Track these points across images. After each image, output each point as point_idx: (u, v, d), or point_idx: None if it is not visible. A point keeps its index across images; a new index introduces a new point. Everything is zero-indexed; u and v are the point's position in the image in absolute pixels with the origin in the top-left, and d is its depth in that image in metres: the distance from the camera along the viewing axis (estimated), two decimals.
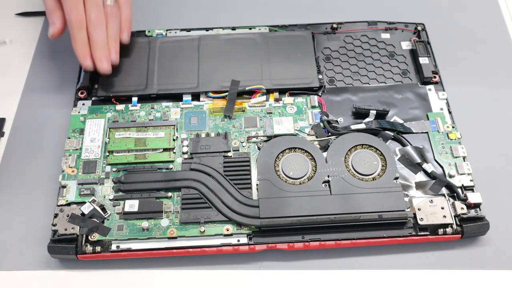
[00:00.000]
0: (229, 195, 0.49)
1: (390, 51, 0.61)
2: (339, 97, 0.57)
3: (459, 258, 0.49)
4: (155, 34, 0.61)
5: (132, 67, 0.58)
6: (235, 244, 0.48)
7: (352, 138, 0.53)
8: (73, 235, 0.47)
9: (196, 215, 0.49)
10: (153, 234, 0.48)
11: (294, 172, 0.51)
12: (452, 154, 0.53)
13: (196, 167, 0.51)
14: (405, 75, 0.59)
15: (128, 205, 0.49)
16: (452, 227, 0.48)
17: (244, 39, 0.60)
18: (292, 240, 0.48)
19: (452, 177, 0.51)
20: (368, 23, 0.63)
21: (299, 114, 0.56)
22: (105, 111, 0.56)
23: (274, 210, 0.48)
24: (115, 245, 0.48)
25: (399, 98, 0.57)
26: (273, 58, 0.59)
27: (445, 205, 0.49)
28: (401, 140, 0.54)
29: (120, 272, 0.48)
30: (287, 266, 0.48)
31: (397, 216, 0.48)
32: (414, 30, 0.62)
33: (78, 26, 0.53)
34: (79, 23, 0.52)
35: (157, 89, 0.57)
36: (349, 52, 0.61)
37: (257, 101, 0.56)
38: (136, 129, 0.54)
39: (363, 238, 0.48)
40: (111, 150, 0.53)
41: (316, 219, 0.48)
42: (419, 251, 0.49)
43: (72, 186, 0.51)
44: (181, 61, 0.59)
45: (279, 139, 0.53)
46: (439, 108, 0.56)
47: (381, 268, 0.48)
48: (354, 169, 0.51)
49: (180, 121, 0.55)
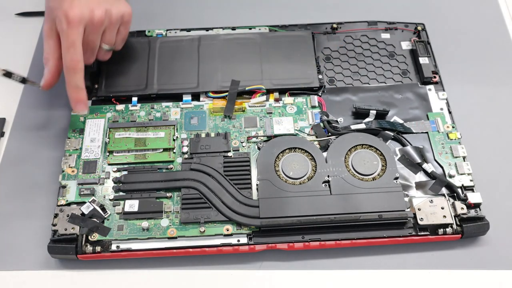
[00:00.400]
0: (229, 195, 0.49)
1: (390, 51, 0.61)
2: (339, 97, 0.57)
3: (459, 258, 0.49)
4: (155, 34, 0.61)
5: (132, 67, 0.58)
6: (235, 244, 0.48)
7: (352, 138, 0.53)
8: (73, 235, 0.47)
9: (196, 215, 0.49)
10: (153, 234, 0.48)
11: (294, 172, 0.51)
12: (452, 154, 0.53)
13: (196, 167, 0.51)
14: (405, 75, 0.59)
15: (128, 205, 0.49)
16: (452, 227, 0.48)
17: (244, 39, 0.60)
18: (292, 240, 0.48)
19: (452, 177, 0.51)
20: (368, 23, 0.63)
21: (299, 114, 0.56)
22: (105, 111, 0.56)
23: (274, 210, 0.48)
24: (115, 245, 0.48)
25: (399, 98, 0.57)
26: (273, 58, 0.59)
27: (445, 205, 0.49)
28: (401, 140, 0.54)
29: (120, 272, 0.48)
30: (287, 266, 0.48)
31: (397, 216, 0.48)
32: (414, 30, 0.62)
33: (72, 72, 0.51)
34: (73, 69, 0.50)
35: (157, 89, 0.57)
36: (349, 52, 0.61)
37: (257, 101, 0.56)
38: (136, 129, 0.54)
39: (363, 238, 0.48)
40: (111, 150, 0.53)
41: (316, 219, 0.48)
42: (419, 251, 0.49)
43: (72, 186, 0.51)
44: (181, 61, 0.59)
45: (279, 139, 0.53)
46: (439, 108, 0.56)
47: (381, 268, 0.48)
48: (354, 169, 0.51)
49: (180, 121, 0.55)
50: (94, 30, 0.51)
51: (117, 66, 0.58)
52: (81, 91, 0.52)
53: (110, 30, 0.53)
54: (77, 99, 0.52)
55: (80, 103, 0.52)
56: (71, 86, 0.51)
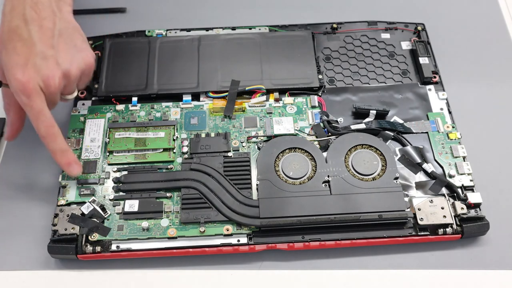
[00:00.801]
0: (229, 195, 0.49)
1: (390, 51, 0.61)
2: (339, 97, 0.57)
3: (459, 258, 0.49)
4: (155, 34, 0.61)
5: (132, 67, 0.58)
6: (235, 244, 0.48)
7: (352, 138, 0.53)
8: (73, 235, 0.47)
9: (196, 215, 0.49)
10: (153, 234, 0.48)
11: (294, 172, 0.51)
12: (452, 154, 0.53)
13: (196, 167, 0.51)
14: (405, 75, 0.59)
15: (128, 205, 0.49)
16: (452, 227, 0.48)
17: (244, 39, 0.60)
18: (292, 240, 0.48)
19: (452, 177, 0.51)
20: (368, 23, 0.63)
21: (299, 114, 0.56)
22: (105, 111, 0.56)
23: (274, 210, 0.48)
24: (115, 245, 0.48)
25: (399, 98, 0.57)
26: (273, 58, 0.59)
27: (445, 205, 0.49)
28: (401, 140, 0.54)
29: (120, 272, 0.48)
30: (287, 266, 0.48)
31: (397, 216, 0.48)
32: (414, 30, 0.62)
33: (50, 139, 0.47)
34: (51, 135, 0.47)
35: (157, 89, 0.57)
36: (349, 52, 0.61)
37: (257, 101, 0.56)
38: (136, 129, 0.54)
39: (363, 238, 0.48)
40: (111, 150, 0.53)
41: (316, 219, 0.48)
42: (419, 251, 0.49)
43: (72, 186, 0.51)
44: (181, 61, 0.59)
45: (279, 139, 0.53)
46: (439, 108, 0.56)
47: (381, 268, 0.48)
48: (354, 169, 0.51)
49: (180, 121, 0.55)
50: (53, 94, 0.47)
51: (117, 66, 0.58)
52: (68, 153, 0.48)
53: (70, 86, 0.49)
54: (67, 162, 0.48)
55: (71, 164, 0.48)
56: (56, 153, 0.48)
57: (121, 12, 0.67)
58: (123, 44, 0.60)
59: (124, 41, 0.60)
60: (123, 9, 0.67)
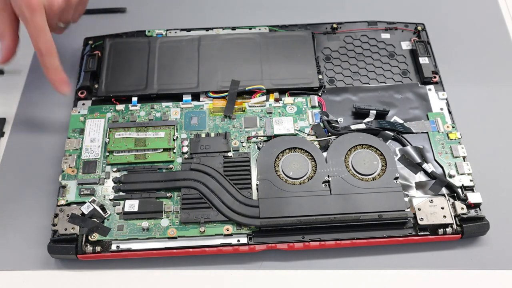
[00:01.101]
0: (229, 195, 0.49)
1: (390, 51, 0.61)
2: (339, 97, 0.57)
3: (459, 258, 0.49)
4: (155, 34, 0.61)
5: (132, 67, 0.58)
6: (235, 244, 0.48)
7: (352, 138, 0.53)
8: (73, 235, 0.47)
9: (196, 215, 0.49)
10: (153, 234, 0.48)
11: (294, 172, 0.51)
12: (452, 154, 0.53)
13: (196, 167, 0.51)
14: (405, 75, 0.59)
15: (128, 205, 0.49)
16: (452, 227, 0.48)
17: (244, 39, 0.60)
18: (292, 240, 0.48)
19: (452, 177, 0.51)
20: (368, 23, 0.63)
21: (299, 114, 0.56)
22: (105, 111, 0.56)
23: (274, 210, 0.48)
24: (115, 245, 0.48)
25: (399, 98, 0.57)
26: (273, 58, 0.59)
27: (445, 205, 0.49)
28: (401, 140, 0.54)
29: (120, 272, 0.48)
30: (287, 266, 0.48)
31: (397, 216, 0.48)
32: (414, 30, 0.62)
33: (48, 56, 0.51)
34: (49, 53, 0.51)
35: (157, 89, 0.57)
36: (349, 52, 0.61)
37: (257, 101, 0.56)
38: (136, 129, 0.54)
39: (363, 238, 0.48)
40: (111, 150, 0.53)
41: (316, 219, 0.48)
42: (419, 251, 0.49)
43: (72, 186, 0.51)
44: (181, 61, 0.59)
45: (279, 139, 0.53)
46: (439, 108, 0.56)
47: (381, 268, 0.48)
48: (354, 169, 0.51)
49: (180, 121, 0.55)
50: (52, 15, 0.51)
51: (117, 66, 0.58)
52: (60, 72, 0.52)
53: (68, 12, 0.53)
54: (60, 80, 0.52)
55: (63, 83, 0.52)
56: (50, 69, 0.51)
57: (121, 12, 0.67)
58: (123, 44, 0.60)
59: (124, 41, 0.60)
60: (123, 9, 0.67)
